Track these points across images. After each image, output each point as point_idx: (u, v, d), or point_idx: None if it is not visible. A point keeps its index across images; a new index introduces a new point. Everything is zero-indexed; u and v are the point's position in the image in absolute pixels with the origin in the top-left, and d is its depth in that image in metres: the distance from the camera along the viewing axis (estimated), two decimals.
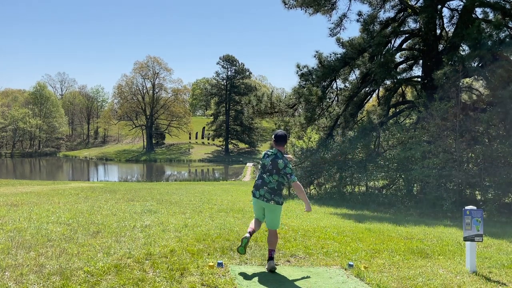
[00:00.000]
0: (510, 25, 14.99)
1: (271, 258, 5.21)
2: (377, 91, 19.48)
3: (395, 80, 17.53)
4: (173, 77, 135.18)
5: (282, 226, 8.07)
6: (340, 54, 16.87)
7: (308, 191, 17.53)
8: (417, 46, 18.15)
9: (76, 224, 7.24)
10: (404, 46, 18.05)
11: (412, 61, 18.98)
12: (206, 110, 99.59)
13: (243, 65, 74.48)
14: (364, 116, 18.97)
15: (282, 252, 6.01)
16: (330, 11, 17.32)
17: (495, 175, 12.16)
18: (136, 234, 6.63)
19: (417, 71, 19.41)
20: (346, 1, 22.19)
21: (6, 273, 4.46)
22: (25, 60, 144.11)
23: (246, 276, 4.83)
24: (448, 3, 16.86)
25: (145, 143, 75.14)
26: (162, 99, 77.34)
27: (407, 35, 17.69)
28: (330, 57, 16.97)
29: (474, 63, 14.29)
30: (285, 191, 17.63)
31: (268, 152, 5.38)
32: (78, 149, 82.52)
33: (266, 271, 5.09)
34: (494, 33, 13.74)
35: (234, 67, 73.55)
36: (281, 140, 5.32)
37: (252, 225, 5.45)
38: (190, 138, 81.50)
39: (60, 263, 4.83)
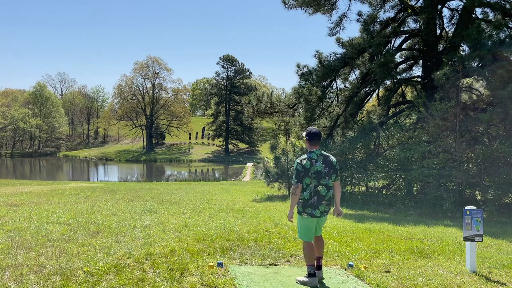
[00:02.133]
0: (510, 25, 14.99)
1: (320, 267, 4.80)
2: (377, 91, 19.48)
3: (395, 80, 17.53)
4: (173, 77, 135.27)
5: (282, 226, 8.08)
6: (340, 54, 16.86)
7: None
8: (417, 46, 18.14)
9: (76, 224, 7.25)
10: (404, 46, 18.04)
11: (412, 61, 18.97)
12: (206, 110, 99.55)
13: (243, 65, 74.48)
14: (364, 116, 18.97)
15: (282, 252, 6.01)
16: (330, 11, 17.32)
17: (495, 175, 12.16)
18: (136, 234, 6.63)
19: (417, 71, 19.41)
20: (346, 1, 22.20)
21: (6, 273, 4.46)
22: (25, 60, 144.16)
23: (246, 276, 4.83)
24: (448, 3, 16.85)
25: (145, 143, 75.11)
26: (162, 99, 77.31)
27: (407, 35, 17.68)
28: (330, 57, 16.97)
29: (474, 63, 14.28)
30: (284, 191, 17.63)
31: (312, 156, 4.64)
32: (78, 149, 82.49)
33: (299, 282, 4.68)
34: (494, 33, 13.73)
35: (234, 67, 73.53)
36: (317, 137, 4.71)
37: (314, 251, 4.78)
38: (190, 138, 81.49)
39: (60, 263, 4.83)
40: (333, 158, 4.70)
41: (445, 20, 17.48)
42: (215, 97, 75.57)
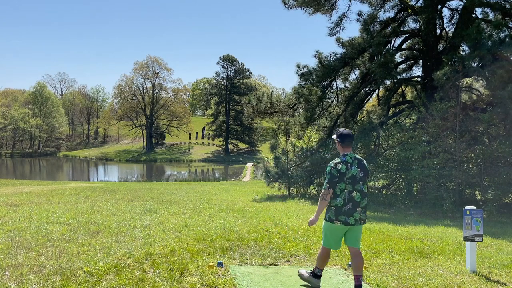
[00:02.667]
0: (510, 25, 14.98)
1: (360, 286, 4.32)
2: (377, 91, 19.47)
3: (395, 80, 17.52)
4: (173, 77, 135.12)
5: (282, 226, 8.07)
6: (340, 54, 16.86)
7: (308, 191, 17.53)
8: (417, 46, 18.14)
9: (76, 224, 7.25)
10: (404, 46, 18.04)
11: (412, 61, 18.97)
12: (206, 110, 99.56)
13: (243, 65, 74.50)
14: (364, 116, 18.97)
15: (282, 252, 6.01)
16: (330, 11, 17.31)
17: (495, 175, 12.16)
18: (136, 234, 6.63)
19: (417, 71, 19.41)
20: (346, 1, 22.20)
21: (6, 273, 4.46)
22: (25, 60, 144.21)
23: (246, 276, 4.83)
24: (448, 3, 16.85)
25: (145, 143, 75.12)
26: (162, 99, 77.31)
27: (407, 35, 17.68)
28: (330, 57, 16.96)
29: (474, 63, 14.28)
30: (284, 191, 17.63)
31: (346, 159, 4.33)
32: (78, 149, 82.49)
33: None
34: (494, 33, 13.73)
35: (234, 67, 73.54)
36: (350, 139, 4.42)
37: (324, 261, 4.55)
38: (190, 138, 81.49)
39: (60, 263, 4.83)
40: (365, 162, 4.45)
41: (445, 20, 17.49)
42: (215, 97, 75.57)
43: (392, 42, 17.59)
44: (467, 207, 5.50)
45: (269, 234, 7.10)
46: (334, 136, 4.50)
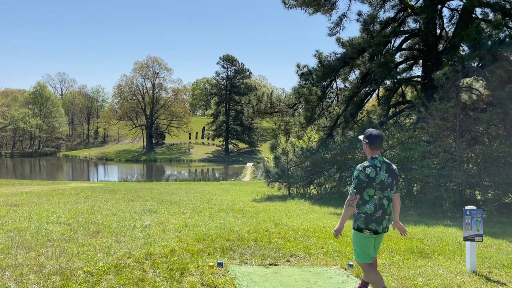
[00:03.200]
0: (510, 25, 14.98)
1: None
2: (377, 91, 19.49)
3: (395, 80, 17.53)
4: (173, 77, 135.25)
5: (282, 226, 8.08)
6: (340, 54, 16.87)
7: (308, 191, 17.53)
8: (417, 46, 18.14)
9: (76, 224, 7.25)
10: (404, 46, 18.04)
11: (412, 61, 18.98)
12: (206, 110, 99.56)
13: (243, 65, 74.49)
14: (364, 116, 18.98)
15: (282, 252, 6.01)
16: (330, 11, 17.32)
17: (495, 175, 12.15)
18: (136, 234, 6.64)
19: (417, 71, 19.42)
20: (346, 1, 22.23)
21: (6, 273, 4.46)
22: (25, 60, 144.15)
23: (246, 276, 4.83)
24: (448, 3, 16.85)
25: (145, 143, 75.12)
26: (162, 99, 77.31)
27: (407, 35, 17.69)
28: (330, 57, 16.97)
29: (474, 63, 14.28)
30: (284, 191, 17.63)
31: (375, 163, 3.98)
32: (78, 149, 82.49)
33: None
34: (494, 33, 13.73)
35: (234, 67, 73.54)
36: (379, 140, 4.05)
37: (376, 274, 4.12)
38: (190, 138, 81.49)
39: (60, 263, 4.83)
40: (394, 166, 4.13)
41: (445, 20, 17.50)
42: (215, 97, 75.57)
43: (392, 42, 17.61)
44: (467, 207, 5.50)
45: (269, 234, 7.10)
46: (361, 137, 4.19)
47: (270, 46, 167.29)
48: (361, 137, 4.19)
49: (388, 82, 18.33)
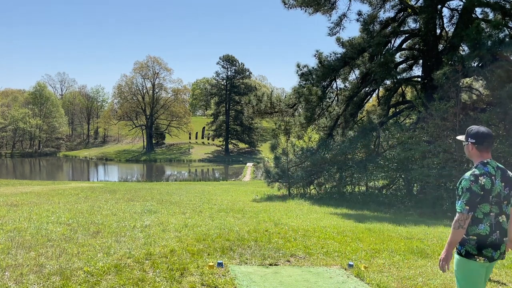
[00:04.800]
0: (510, 25, 14.99)
1: None
2: (377, 91, 19.49)
3: (395, 80, 17.54)
4: (173, 77, 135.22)
5: (282, 226, 8.07)
6: (340, 54, 16.88)
7: (308, 191, 17.52)
8: (417, 46, 18.15)
9: (76, 224, 7.25)
10: (404, 46, 18.05)
11: (412, 61, 18.99)
12: (206, 110, 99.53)
13: (243, 65, 74.47)
14: (364, 116, 18.98)
15: (282, 252, 6.01)
16: (330, 11, 17.33)
17: None
18: (136, 234, 6.63)
19: (417, 71, 19.43)
20: (346, 1, 22.24)
21: (6, 273, 4.46)
22: (25, 60, 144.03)
23: (246, 276, 4.83)
24: (448, 3, 16.86)
25: (145, 143, 75.10)
26: (162, 99, 77.29)
27: (407, 35, 17.69)
28: (330, 56, 16.98)
29: (474, 63, 14.29)
30: (284, 191, 17.63)
31: (489, 170, 3.07)
32: (78, 149, 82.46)
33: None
34: (493, 33, 13.74)
35: (234, 67, 73.52)
36: (490, 140, 3.17)
37: None
38: (190, 138, 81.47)
39: (60, 263, 4.83)
40: (511, 174, 3.18)
41: (445, 20, 17.51)
42: (215, 97, 75.56)
43: (392, 42, 17.62)
44: None
45: (269, 234, 7.10)
46: (461, 138, 3.30)
47: (270, 46, 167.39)
48: (461, 137, 3.31)
49: (388, 82, 18.34)
